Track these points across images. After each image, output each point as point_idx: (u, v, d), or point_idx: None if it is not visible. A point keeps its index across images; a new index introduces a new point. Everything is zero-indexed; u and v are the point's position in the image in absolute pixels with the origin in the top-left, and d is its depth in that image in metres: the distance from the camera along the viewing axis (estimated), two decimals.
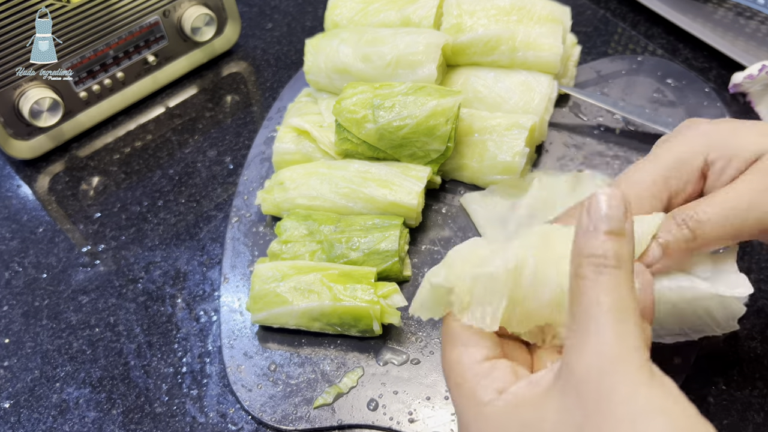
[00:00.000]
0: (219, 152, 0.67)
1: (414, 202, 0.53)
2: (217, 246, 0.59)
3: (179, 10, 0.71)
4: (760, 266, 0.53)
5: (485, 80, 0.61)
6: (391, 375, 0.48)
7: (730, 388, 0.46)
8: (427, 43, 0.58)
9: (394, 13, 0.63)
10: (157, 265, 0.58)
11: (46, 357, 0.53)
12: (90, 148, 0.70)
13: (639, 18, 0.77)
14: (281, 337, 0.51)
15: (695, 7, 0.74)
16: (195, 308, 0.55)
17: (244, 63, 0.78)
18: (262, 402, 0.48)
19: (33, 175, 0.68)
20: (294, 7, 0.85)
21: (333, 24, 0.65)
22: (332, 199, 0.55)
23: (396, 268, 0.51)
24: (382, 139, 0.55)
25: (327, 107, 0.61)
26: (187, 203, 0.63)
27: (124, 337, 0.53)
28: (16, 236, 0.62)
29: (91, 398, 0.50)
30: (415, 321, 0.51)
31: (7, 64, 0.61)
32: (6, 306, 0.57)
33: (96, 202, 0.64)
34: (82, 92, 0.68)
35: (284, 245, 0.53)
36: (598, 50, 0.73)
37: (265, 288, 0.50)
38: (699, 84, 0.66)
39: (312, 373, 0.49)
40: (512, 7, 0.61)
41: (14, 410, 0.50)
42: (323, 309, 0.48)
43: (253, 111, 0.72)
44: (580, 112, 0.65)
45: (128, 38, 0.68)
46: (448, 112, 0.53)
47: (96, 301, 0.56)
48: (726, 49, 0.68)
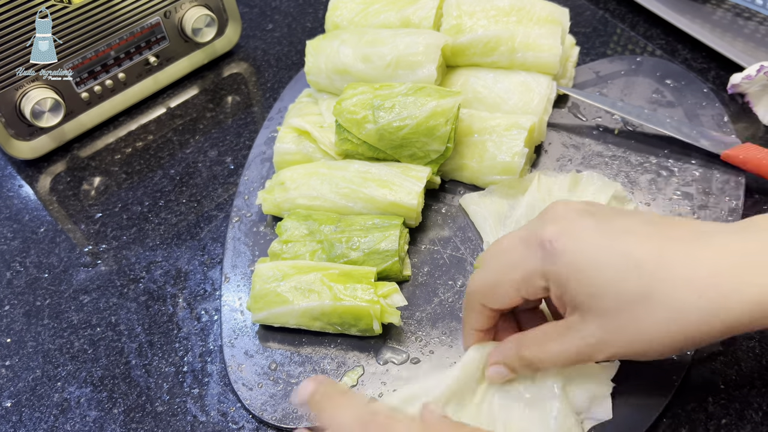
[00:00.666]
0: (220, 152, 0.68)
1: (414, 202, 0.54)
2: (218, 246, 0.59)
3: (180, 11, 0.71)
4: None
5: (485, 81, 0.61)
6: (391, 374, 0.48)
7: (729, 387, 0.46)
8: (427, 43, 0.58)
9: (394, 14, 0.63)
10: (158, 264, 0.58)
11: (47, 356, 0.53)
12: (91, 149, 0.70)
13: (638, 19, 0.77)
14: (282, 336, 0.51)
15: (694, 7, 0.74)
16: (196, 308, 0.55)
17: (245, 64, 0.78)
18: (262, 401, 0.48)
19: (34, 176, 0.68)
20: (294, 8, 0.85)
21: (333, 25, 0.66)
22: (332, 199, 0.55)
23: (396, 267, 0.51)
24: (382, 139, 0.55)
25: (327, 108, 0.61)
26: (188, 203, 0.63)
27: (125, 336, 0.54)
28: (17, 236, 0.62)
29: (92, 397, 0.50)
30: (415, 320, 0.51)
31: (9, 64, 0.61)
32: (7, 305, 0.57)
33: (97, 202, 0.65)
34: (83, 93, 0.68)
35: (285, 245, 0.53)
36: (597, 51, 0.73)
37: (265, 287, 0.50)
38: (698, 84, 0.66)
39: (312, 372, 0.49)
40: (512, 8, 0.61)
41: (16, 409, 0.50)
42: (324, 308, 0.48)
43: (253, 111, 0.72)
44: (578, 112, 0.65)
45: (129, 39, 0.69)
46: (448, 113, 0.54)
47: (97, 301, 0.56)
48: (724, 49, 0.68)
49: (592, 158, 0.61)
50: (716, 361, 0.47)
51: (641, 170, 0.59)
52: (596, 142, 0.62)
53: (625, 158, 0.61)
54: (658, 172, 0.59)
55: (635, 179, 0.59)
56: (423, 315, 0.51)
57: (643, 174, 0.59)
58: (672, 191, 0.57)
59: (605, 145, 0.62)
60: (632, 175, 0.59)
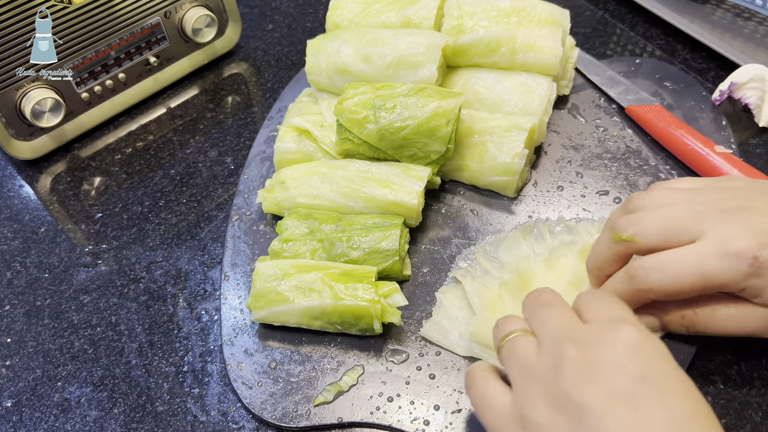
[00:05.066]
0: (220, 152, 0.68)
1: (414, 202, 0.54)
2: (218, 246, 0.59)
3: (180, 11, 0.71)
4: None
5: (485, 82, 0.61)
6: (391, 373, 0.48)
7: (728, 387, 0.46)
8: (428, 44, 0.58)
9: (395, 14, 0.63)
10: (158, 264, 0.58)
11: (47, 356, 0.53)
12: (91, 149, 0.70)
13: (638, 19, 0.77)
14: (282, 335, 0.51)
15: (694, 7, 0.74)
16: (196, 307, 0.55)
17: (245, 64, 0.78)
18: (262, 400, 0.48)
19: (35, 176, 0.68)
20: (294, 9, 0.85)
21: (334, 25, 0.66)
22: (333, 199, 0.55)
23: (396, 267, 0.52)
24: (383, 139, 0.55)
25: (328, 107, 0.61)
26: (189, 203, 0.63)
27: (125, 336, 0.54)
28: (18, 236, 0.62)
29: (92, 397, 0.50)
30: (415, 320, 0.51)
31: (9, 64, 0.61)
32: (8, 305, 0.57)
33: (97, 202, 0.65)
34: (83, 93, 0.68)
35: (285, 244, 0.53)
36: (596, 51, 0.73)
37: (266, 286, 0.50)
38: (697, 87, 0.66)
39: (312, 371, 0.49)
40: (512, 9, 0.61)
41: (16, 409, 0.50)
42: (324, 308, 0.48)
43: (253, 111, 0.72)
44: (578, 113, 0.65)
45: (130, 39, 0.69)
46: (449, 114, 0.54)
47: (97, 301, 0.56)
48: (724, 50, 0.68)
49: (591, 160, 0.61)
50: (716, 361, 0.48)
51: (640, 172, 0.60)
52: (596, 143, 0.63)
53: (624, 160, 0.61)
54: (656, 175, 0.59)
55: (634, 182, 0.59)
56: (423, 315, 0.52)
57: (642, 176, 0.59)
58: None
59: (605, 146, 0.62)
60: (631, 178, 0.59)
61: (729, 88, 0.63)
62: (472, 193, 0.60)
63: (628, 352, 0.34)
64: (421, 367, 0.49)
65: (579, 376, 0.34)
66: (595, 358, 0.35)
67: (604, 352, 0.35)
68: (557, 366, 0.35)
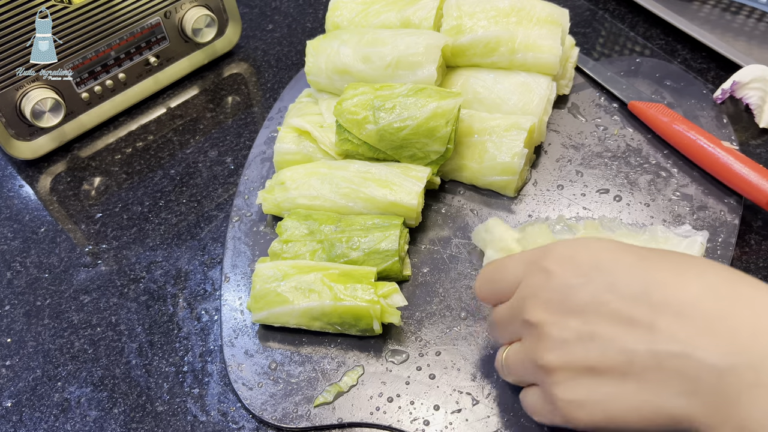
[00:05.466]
0: (220, 152, 0.68)
1: (414, 202, 0.54)
2: (218, 246, 0.59)
3: (180, 11, 0.71)
4: (758, 266, 0.53)
5: (485, 81, 0.61)
6: (391, 374, 0.48)
7: None
8: (427, 44, 0.58)
9: (395, 14, 0.63)
10: (158, 264, 0.59)
11: (47, 356, 0.53)
12: (91, 149, 0.70)
13: (637, 19, 0.77)
14: (282, 336, 0.51)
15: (693, 7, 0.74)
16: (196, 307, 0.55)
17: (245, 64, 0.78)
18: (262, 400, 0.48)
19: (35, 176, 0.68)
20: (294, 9, 0.85)
21: (334, 25, 0.66)
22: (333, 199, 0.55)
23: (396, 267, 0.52)
24: (383, 140, 0.55)
25: (327, 107, 0.61)
26: (189, 203, 0.63)
27: (125, 336, 0.54)
28: (17, 236, 0.62)
29: (92, 397, 0.50)
30: (415, 320, 0.51)
31: (9, 64, 0.61)
32: (8, 305, 0.57)
33: (97, 202, 0.65)
34: (83, 93, 0.68)
35: (285, 245, 0.53)
36: (596, 51, 0.73)
37: (265, 287, 0.50)
38: (697, 86, 0.66)
39: (312, 371, 0.49)
40: (512, 9, 0.61)
41: (16, 409, 0.50)
42: (324, 308, 0.48)
43: (253, 111, 0.72)
44: (578, 113, 0.65)
45: (130, 39, 0.69)
46: (449, 114, 0.54)
47: (97, 301, 0.56)
48: (724, 49, 0.68)
49: (591, 159, 0.61)
50: None
51: (641, 171, 0.60)
52: (596, 142, 0.63)
53: (624, 159, 0.61)
54: (657, 173, 0.59)
55: (634, 180, 0.59)
56: (423, 315, 0.52)
57: (643, 175, 0.59)
58: (671, 192, 0.58)
59: (605, 145, 0.62)
60: (631, 176, 0.59)
61: (731, 87, 0.63)
62: (472, 192, 0.60)
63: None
64: (421, 367, 0.49)
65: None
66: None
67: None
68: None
